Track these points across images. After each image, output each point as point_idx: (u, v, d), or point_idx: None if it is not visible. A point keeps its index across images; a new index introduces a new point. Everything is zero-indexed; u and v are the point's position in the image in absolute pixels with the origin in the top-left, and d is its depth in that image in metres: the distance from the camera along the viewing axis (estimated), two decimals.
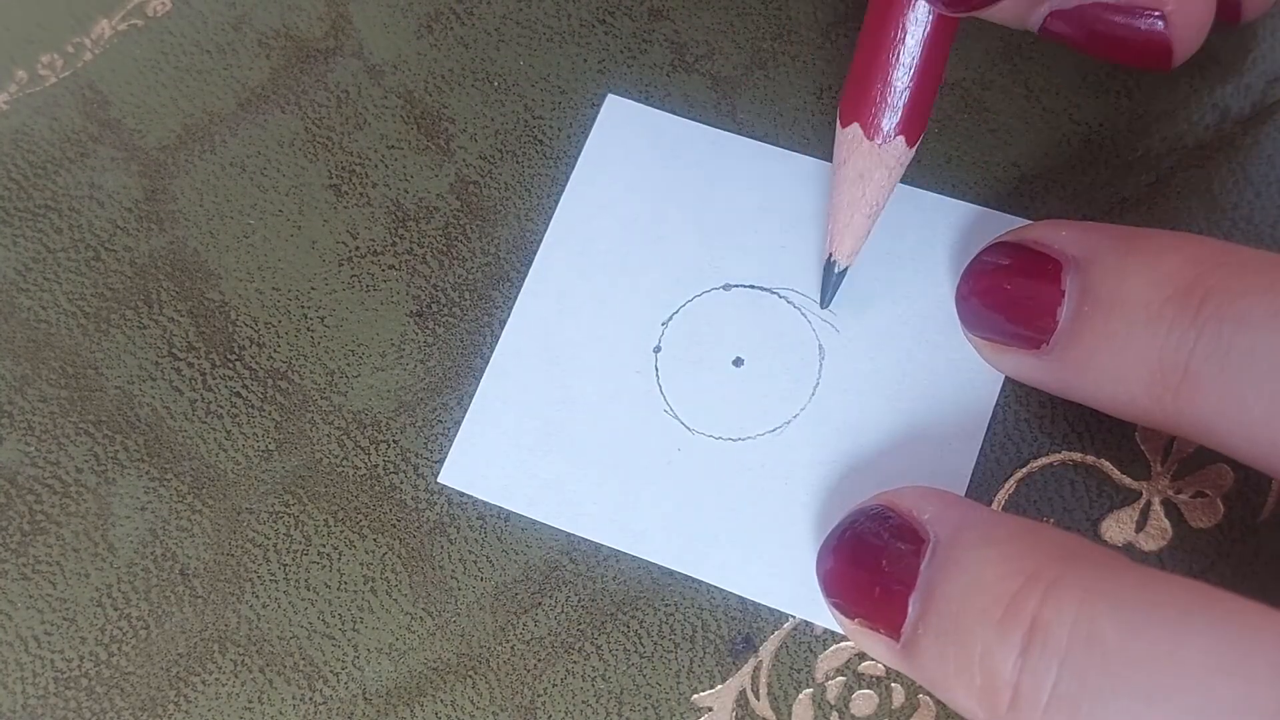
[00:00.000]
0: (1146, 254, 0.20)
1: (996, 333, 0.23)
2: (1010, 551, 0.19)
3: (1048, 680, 0.18)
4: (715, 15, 0.27)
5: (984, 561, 0.19)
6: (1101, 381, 0.21)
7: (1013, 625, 0.18)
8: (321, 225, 0.26)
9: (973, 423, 0.24)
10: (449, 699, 0.23)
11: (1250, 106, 0.25)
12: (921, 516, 0.20)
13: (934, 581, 0.20)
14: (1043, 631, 0.18)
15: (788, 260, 0.25)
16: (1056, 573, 0.18)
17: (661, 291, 0.25)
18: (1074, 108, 0.26)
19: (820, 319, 0.25)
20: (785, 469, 0.24)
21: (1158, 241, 0.21)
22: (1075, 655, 0.17)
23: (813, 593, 0.22)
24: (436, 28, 0.27)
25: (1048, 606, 0.18)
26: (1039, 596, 0.18)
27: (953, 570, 0.19)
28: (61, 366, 0.26)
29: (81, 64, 0.28)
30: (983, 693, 0.19)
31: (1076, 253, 0.21)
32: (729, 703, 0.23)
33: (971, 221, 0.25)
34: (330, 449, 0.25)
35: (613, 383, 0.25)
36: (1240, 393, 0.19)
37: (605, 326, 0.25)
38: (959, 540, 0.20)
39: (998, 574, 0.19)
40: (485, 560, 0.24)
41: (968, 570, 0.19)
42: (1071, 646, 0.18)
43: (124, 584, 0.24)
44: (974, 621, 0.19)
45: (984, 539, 0.19)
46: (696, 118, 0.26)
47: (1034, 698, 0.18)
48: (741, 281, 0.25)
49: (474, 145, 0.27)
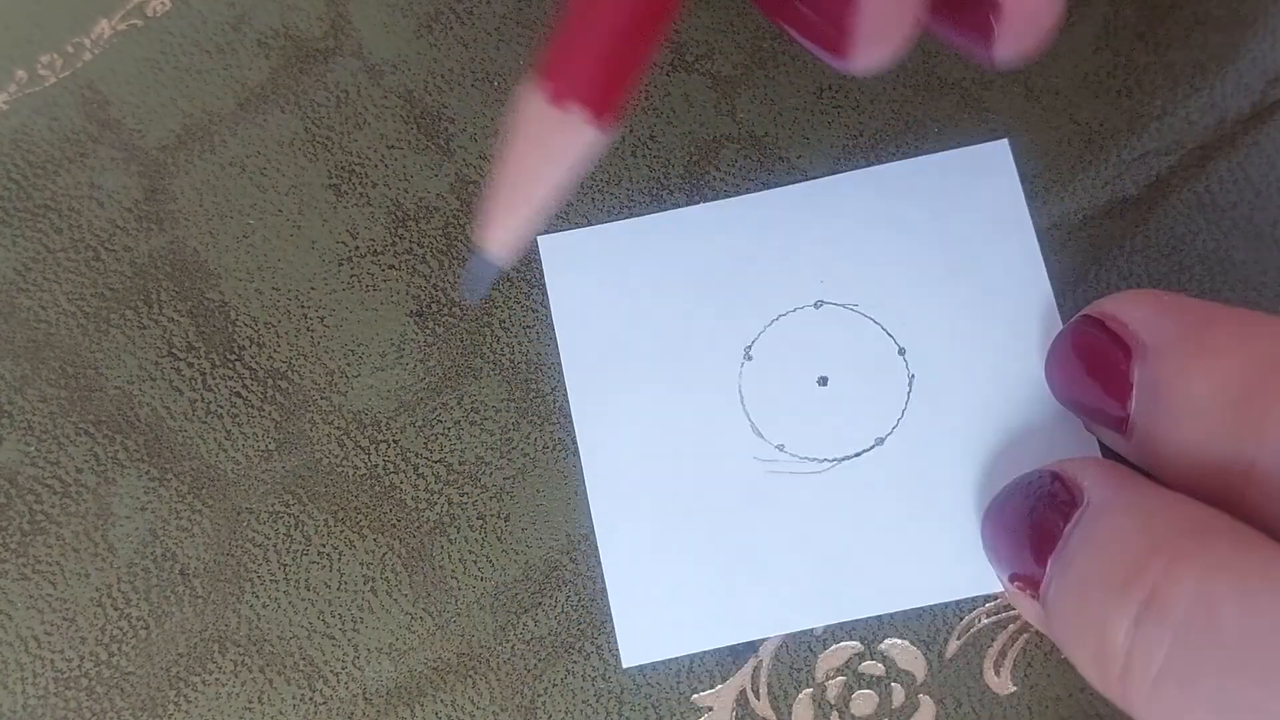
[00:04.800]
0: (1206, 354, 0.20)
1: (1080, 411, 0.23)
2: (1146, 522, 0.19)
3: (1159, 651, 0.18)
4: (715, 15, 0.27)
5: (1118, 530, 0.19)
6: (1179, 475, 0.21)
7: (1132, 593, 0.18)
8: (321, 225, 0.26)
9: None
10: (449, 699, 0.23)
11: (1250, 106, 0.25)
12: (1082, 482, 0.21)
13: (1074, 545, 0.20)
14: (1160, 602, 0.18)
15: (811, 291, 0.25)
16: (1185, 546, 0.18)
17: (710, 372, 0.25)
18: (1074, 108, 0.26)
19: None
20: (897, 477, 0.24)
21: (1218, 337, 0.20)
22: (1190, 628, 0.17)
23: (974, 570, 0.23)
24: (436, 28, 0.27)
25: (1169, 578, 0.18)
26: (1162, 568, 0.18)
27: (1091, 536, 0.19)
28: (61, 366, 0.26)
29: (81, 64, 0.28)
30: (1096, 660, 0.19)
31: (1148, 338, 0.21)
32: (729, 703, 0.23)
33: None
34: (330, 449, 0.25)
35: (711, 483, 0.24)
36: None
37: (666, 430, 0.25)
38: (1105, 508, 0.20)
39: (1127, 542, 0.19)
40: (485, 560, 0.24)
41: (1102, 536, 0.19)
42: (1188, 619, 0.17)
43: (124, 584, 0.24)
44: (1097, 587, 0.19)
45: (1126, 509, 0.19)
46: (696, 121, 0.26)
47: (1145, 668, 0.18)
48: (760, 348, 0.25)
49: (474, 145, 0.27)
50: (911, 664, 0.23)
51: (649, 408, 0.25)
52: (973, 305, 0.25)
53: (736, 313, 0.25)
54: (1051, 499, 0.21)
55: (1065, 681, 0.23)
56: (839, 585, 0.23)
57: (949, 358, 0.24)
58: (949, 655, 0.23)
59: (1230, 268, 0.25)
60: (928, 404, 0.24)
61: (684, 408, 0.25)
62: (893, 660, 0.23)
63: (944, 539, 0.23)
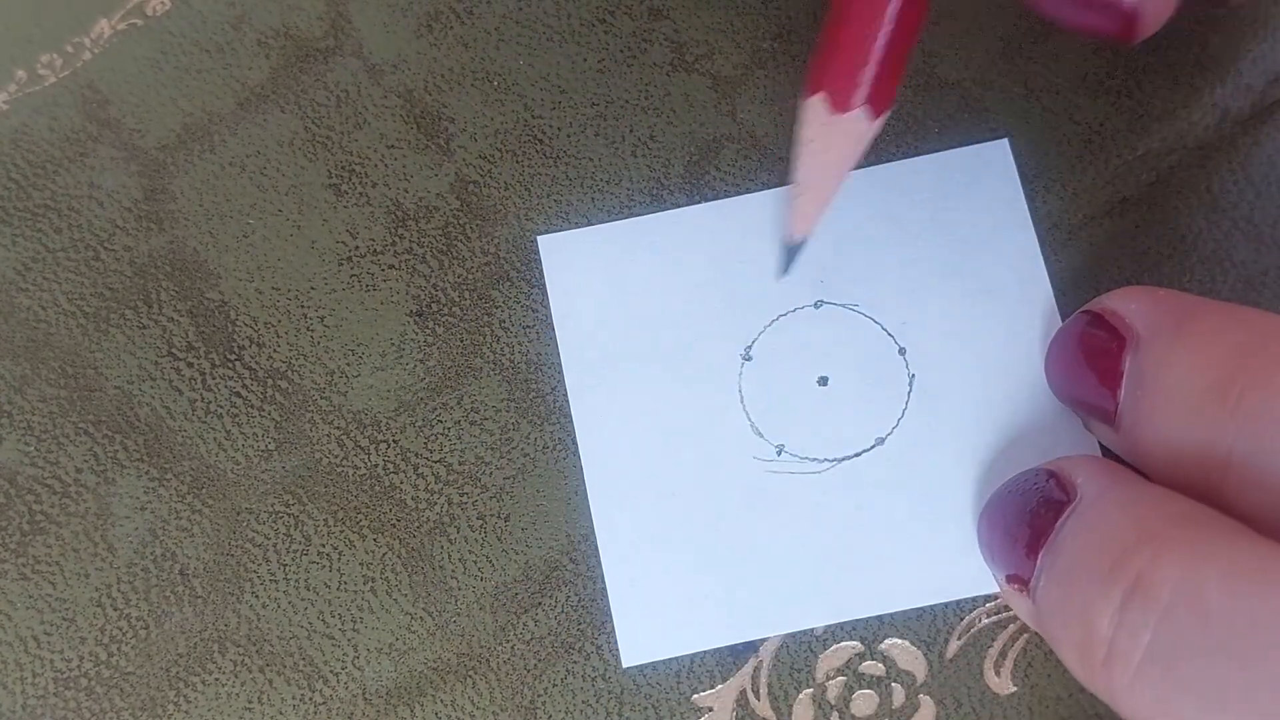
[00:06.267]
0: (1190, 342, 0.20)
1: (1074, 404, 0.23)
2: (1134, 513, 0.19)
3: (1143, 637, 0.18)
4: (715, 15, 0.27)
5: (1106, 520, 0.19)
6: (1157, 465, 0.21)
7: (1117, 580, 0.18)
8: (321, 225, 0.26)
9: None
10: (449, 699, 0.23)
11: (1250, 106, 0.25)
12: (1075, 479, 0.21)
13: (1063, 537, 0.20)
14: (1144, 588, 0.18)
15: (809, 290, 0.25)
16: (1171, 535, 0.18)
17: (710, 372, 0.25)
18: (1074, 108, 0.26)
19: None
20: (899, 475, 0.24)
21: (1206, 324, 0.20)
22: (1174, 614, 0.17)
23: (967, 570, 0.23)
24: (436, 27, 0.27)
25: (1154, 565, 0.18)
26: (1148, 555, 0.18)
27: (1079, 528, 0.20)
28: (61, 366, 0.26)
29: (81, 63, 0.28)
30: (1081, 647, 0.19)
31: (1140, 328, 0.21)
32: (729, 703, 0.23)
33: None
34: (330, 449, 0.25)
35: (711, 483, 0.24)
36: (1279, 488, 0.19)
37: (666, 431, 0.25)
38: (1096, 502, 0.20)
39: (1114, 532, 0.19)
40: (485, 560, 0.24)
41: (1090, 528, 0.19)
42: (1172, 605, 0.17)
43: (124, 584, 0.24)
44: (1082, 575, 0.19)
45: (1115, 502, 0.20)
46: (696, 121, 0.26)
47: (1128, 655, 0.18)
48: (757, 350, 0.25)
49: (474, 145, 0.27)
50: (912, 664, 0.23)
51: (649, 408, 0.25)
52: (973, 305, 0.25)
53: (736, 312, 0.25)
54: (1047, 498, 0.21)
55: (1065, 681, 0.23)
56: (839, 585, 0.23)
57: (949, 358, 0.24)
58: (949, 655, 0.23)
59: (1230, 268, 0.25)
60: (928, 404, 0.24)
61: (684, 408, 0.25)
62: (893, 660, 0.23)
63: (944, 539, 0.23)
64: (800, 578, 0.23)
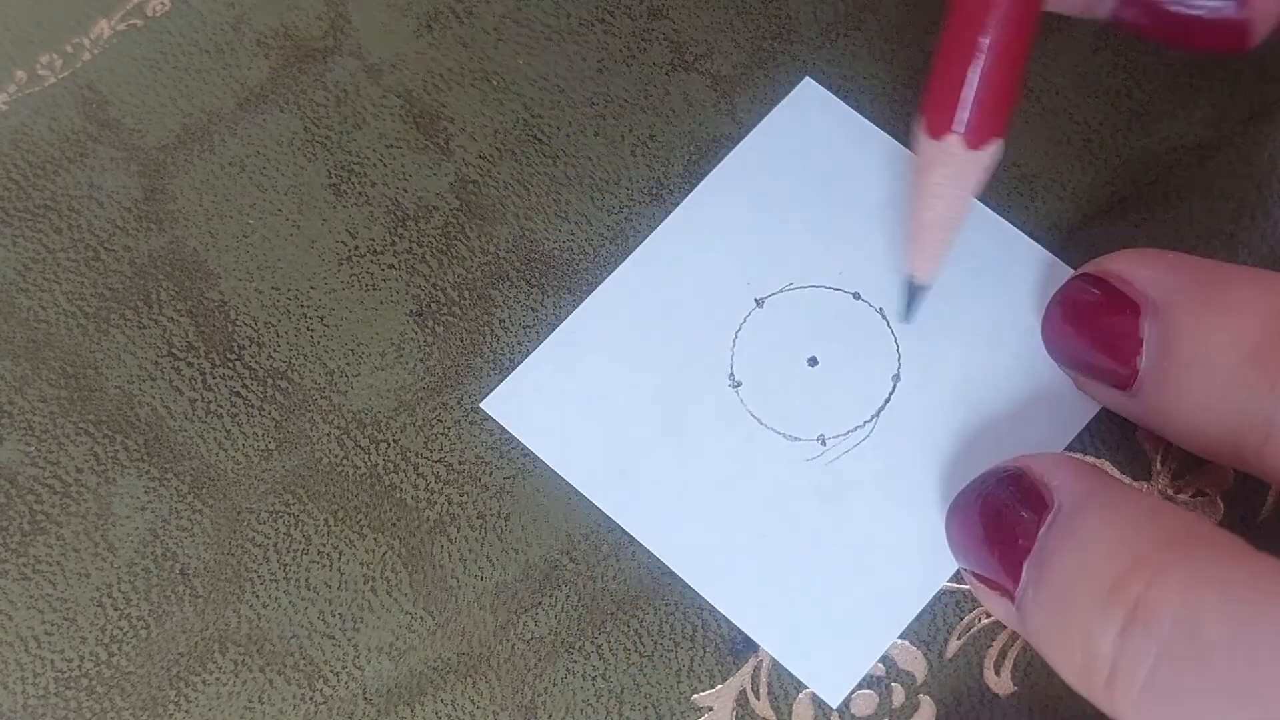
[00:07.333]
0: (1223, 309, 0.20)
1: (1082, 369, 0.23)
2: (1127, 533, 0.19)
3: (1145, 663, 0.18)
4: (715, 14, 0.27)
5: (1098, 539, 0.19)
6: (1186, 431, 0.21)
7: (1116, 605, 0.18)
8: (321, 225, 0.26)
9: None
10: (449, 699, 0.23)
11: (1250, 106, 0.25)
12: (1050, 483, 0.20)
13: (1049, 550, 0.20)
14: (1145, 614, 0.18)
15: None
16: (1168, 558, 0.18)
17: (758, 285, 0.25)
18: (1074, 108, 0.26)
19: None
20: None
21: (1235, 294, 0.20)
22: (1175, 644, 0.17)
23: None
24: (435, 27, 0.27)
25: (1153, 591, 0.18)
26: (1145, 580, 0.18)
27: (1069, 543, 0.19)
28: (61, 366, 0.26)
29: (81, 64, 0.28)
30: (1082, 668, 0.19)
31: (1157, 296, 0.21)
32: (729, 703, 0.23)
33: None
34: (330, 449, 0.25)
35: (686, 367, 0.25)
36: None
37: (697, 307, 0.25)
38: (1080, 512, 0.20)
39: (1109, 553, 0.19)
40: (485, 560, 0.24)
41: (1082, 545, 0.19)
42: (1173, 634, 0.17)
43: (124, 584, 0.24)
44: (1080, 597, 0.19)
45: (1105, 516, 0.19)
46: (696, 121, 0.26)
47: (1131, 678, 0.18)
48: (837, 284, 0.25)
49: (473, 145, 0.27)
50: (911, 664, 0.23)
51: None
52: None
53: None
54: (1022, 497, 0.21)
55: (1065, 682, 0.23)
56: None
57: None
58: (949, 655, 0.23)
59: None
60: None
61: (714, 309, 0.25)
62: (893, 660, 0.23)
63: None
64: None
